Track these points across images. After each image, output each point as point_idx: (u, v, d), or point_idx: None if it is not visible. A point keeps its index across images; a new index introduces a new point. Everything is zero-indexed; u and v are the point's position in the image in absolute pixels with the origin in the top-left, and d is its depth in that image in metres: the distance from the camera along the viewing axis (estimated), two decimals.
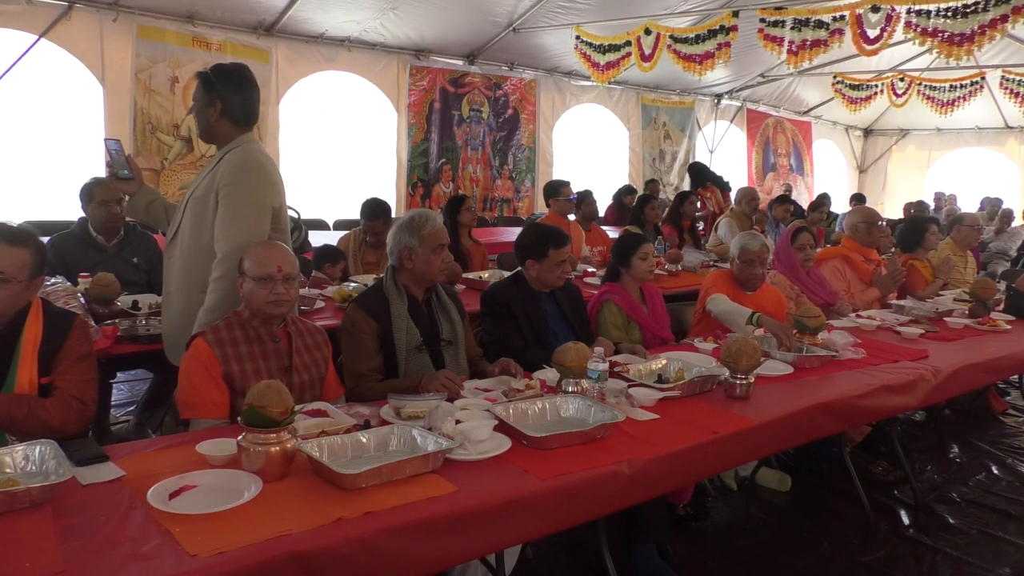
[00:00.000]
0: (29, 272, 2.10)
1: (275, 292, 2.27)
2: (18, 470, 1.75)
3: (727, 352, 2.60)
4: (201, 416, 2.23)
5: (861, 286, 4.48)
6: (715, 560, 2.97)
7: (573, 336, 3.06)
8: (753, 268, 3.64)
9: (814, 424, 2.61)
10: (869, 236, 4.55)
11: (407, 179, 8.78)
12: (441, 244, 2.70)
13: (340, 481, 1.73)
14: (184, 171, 7.04)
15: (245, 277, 2.29)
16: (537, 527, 1.89)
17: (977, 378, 3.45)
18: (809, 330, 3.21)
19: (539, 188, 9.72)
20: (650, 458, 2.05)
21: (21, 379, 2.11)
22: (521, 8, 8.12)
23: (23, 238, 2.09)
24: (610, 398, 2.37)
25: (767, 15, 7.38)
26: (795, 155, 14.20)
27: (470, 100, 9.27)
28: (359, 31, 7.83)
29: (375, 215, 4.65)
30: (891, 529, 3.26)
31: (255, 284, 2.27)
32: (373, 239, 4.69)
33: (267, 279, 2.27)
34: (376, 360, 2.61)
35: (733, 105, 12.74)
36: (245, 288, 2.30)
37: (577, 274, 5.12)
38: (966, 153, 14.72)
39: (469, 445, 1.98)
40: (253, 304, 2.31)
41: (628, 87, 10.95)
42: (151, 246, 3.98)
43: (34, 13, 6.05)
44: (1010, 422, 4.72)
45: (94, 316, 3.12)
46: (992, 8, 6.31)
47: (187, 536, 1.50)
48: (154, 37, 6.67)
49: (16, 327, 2.13)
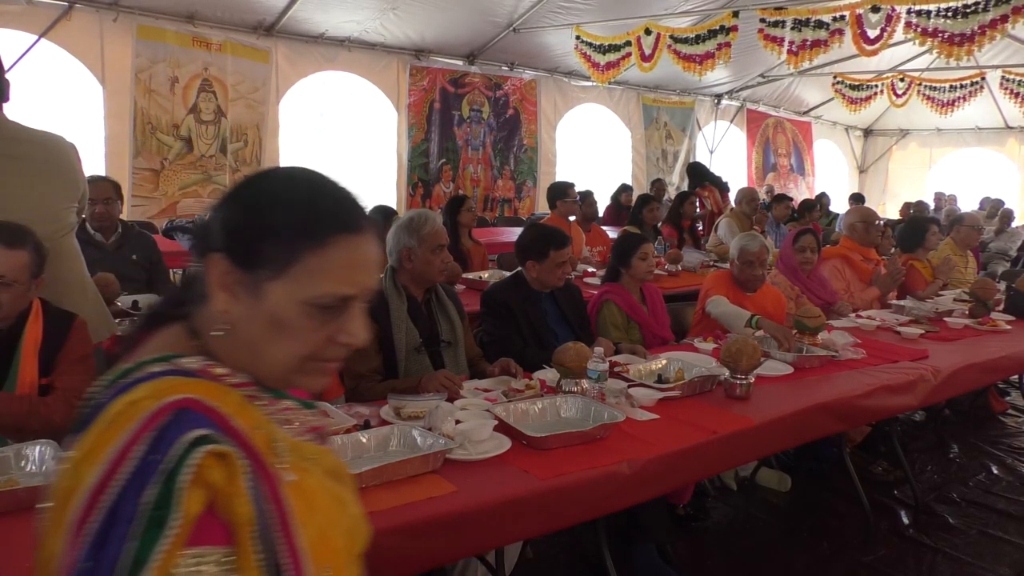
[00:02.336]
0: (30, 272, 2.10)
1: None
2: (18, 470, 1.75)
3: (727, 352, 2.60)
4: None
5: (861, 285, 4.48)
6: (715, 560, 2.97)
7: (573, 336, 3.06)
8: (753, 269, 3.63)
9: (814, 424, 2.61)
10: (867, 235, 4.56)
11: (407, 179, 8.78)
12: (440, 244, 2.70)
13: None
14: (184, 171, 7.04)
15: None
16: (537, 527, 1.89)
17: (977, 378, 3.45)
18: (809, 330, 3.21)
19: (540, 188, 9.74)
20: (650, 458, 2.05)
21: (22, 379, 2.11)
22: (521, 8, 8.12)
23: (21, 239, 2.09)
24: (610, 398, 2.37)
25: (767, 15, 7.38)
26: (795, 155, 14.20)
27: (470, 100, 9.27)
28: (359, 31, 7.83)
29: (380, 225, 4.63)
30: (891, 529, 3.26)
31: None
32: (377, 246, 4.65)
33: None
34: (376, 361, 2.61)
35: (733, 105, 12.74)
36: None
37: (577, 274, 5.12)
38: (966, 153, 14.72)
39: (469, 445, 1.99)
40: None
41: (628, 87, 10.95)
42: (149, 244, 3.99)
43: (34, 13, 6.04)
44: (1010, 422, 4.72)
45: None
46: (992, 8, 6.30)
47: None
48: (154, 37, 6.67)
49: (17, 328, 2.13)
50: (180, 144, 6.99)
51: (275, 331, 0.84)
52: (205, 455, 0.72)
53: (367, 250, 0.87)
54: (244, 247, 0.83)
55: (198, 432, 0.74)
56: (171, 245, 5.00)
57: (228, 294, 0.84)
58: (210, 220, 0.87)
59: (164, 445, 0.72)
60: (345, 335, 0.86)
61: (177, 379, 0.81)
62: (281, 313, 0.83)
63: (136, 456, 0.72)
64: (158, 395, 0.77)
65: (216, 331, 0.85)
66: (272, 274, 0.82)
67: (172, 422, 0.74)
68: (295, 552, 0.77)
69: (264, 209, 0.84)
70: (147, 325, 0.91)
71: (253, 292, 0.83)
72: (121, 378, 0.82)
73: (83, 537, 0.70)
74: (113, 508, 0.70)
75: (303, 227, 0.83)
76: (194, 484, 0.71)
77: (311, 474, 0.87)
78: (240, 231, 0.84)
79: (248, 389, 0.87)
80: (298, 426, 0.92)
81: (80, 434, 0.78)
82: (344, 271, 0.84)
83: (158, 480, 0.70)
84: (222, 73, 7.12)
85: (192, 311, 0.88)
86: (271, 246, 0.82)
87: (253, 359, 0.86)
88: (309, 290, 0.83)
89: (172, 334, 0.88)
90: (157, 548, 0.68)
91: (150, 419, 0.74)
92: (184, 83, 6.91)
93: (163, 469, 0.71)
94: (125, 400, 0.77)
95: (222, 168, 7.27)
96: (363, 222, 0.88)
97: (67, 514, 0.73)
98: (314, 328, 0.84)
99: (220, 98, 7.16)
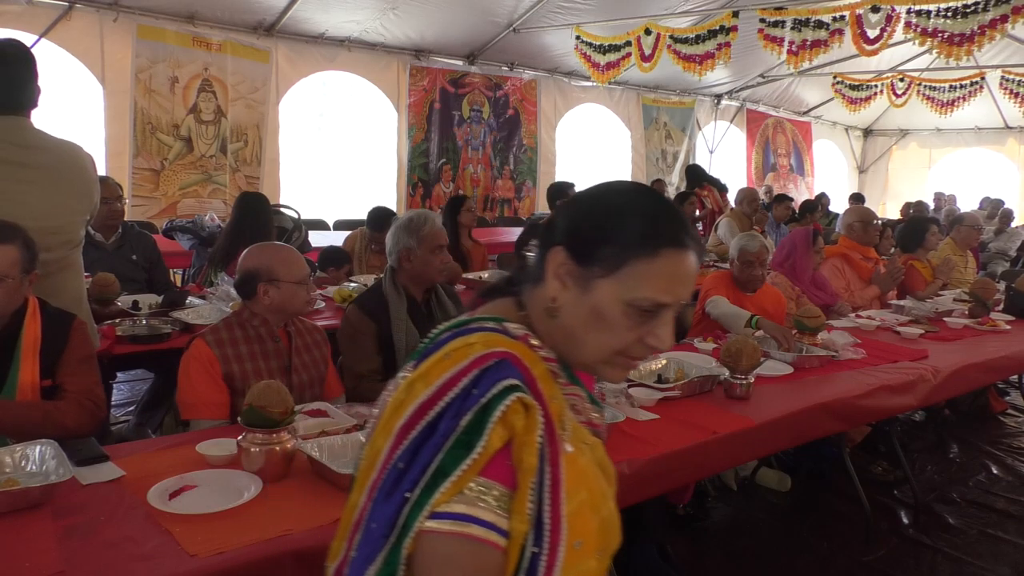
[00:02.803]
0: (21, 268, 2.08)
1: (310, 292, 2.38)
2: (18, 470, 1.75)
3: (727, 352, 2.61)
4: (202, 417, 2.23)
5: (861, 284, 4.48)
6: (715, 560, 2.97)
7: None
8: (752, 269, 3.63)
9: (814, 424, 2.61)
10: (865, 235, 4.57)
11: (407, 179, 8.78)
12: (440, 245, 2.70)
13: (340, 481, 1.73)
14: (184, 171, 7.04)
15: (280, 283, 2.29)
16: None
17: (977, 378, 3.45)
18: (809, 330, 3.21)
19: (540, 188, 9.74)
20: (650, 458, 2.05)
21: (23, 380, 2.10)
22: (521, 8, 8.12)
23: (8, 235, 2.08)
24: (610, 398, 2.37)
25: (767, 15, 7.38)
26: (795, 155, 14.19)
27: (470, 100, 9.27)
28: (359, 31, 7.83)
29: (380, 226, 4.58)
30: (891, 529, 3.26)
31: (297, 287, 2.31)
32: (378, 247, 4.63)
33: (305, 281, 2.33)
34: (376, 361, 2.61)
35: (733, 105, 12.73)
36: (283, 293, 2.30)
37: None
38: (966, 153, 14.72)
39: None
40: (292, 306, 2.33)
41: (628, 87, 10.95)
42: (149, 244, 3.99)
43: (34, 13, 6.04)
44: (1010, 422, 4.72)
45: (94, 316, 3.12)
46: (992, 8, 6.30)
47: (187, 536, 1.50)
48: (154, 37, 6.67)
49: (14, 327, 2.12)
50: (180, 144, 6.98)
51: (594, 322, 0.95)
52: (515, 400, 0.85)
53: (688, 265, 0.96)
54: (584, 247, 0.95)
55: (513, 380, 0.87)
56: (171, 245, 5.00)
57: (560, 282, 0.96)
58: (557, 217, 1.02)
59: (485, 383, 0.86)
60: (654, 338, 0.96)
61: (503, 337, 0.95)
62: (604, 308, 0.94)
63: (462, 386, 0.87)
64: (487, 343, 0.91)
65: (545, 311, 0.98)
66: (603, 273, 0.94)
67: (494, 367, 0.88)
68: (558, 515, 0.87)
69: (608, 218, 0.95)
70: (486, 294, 1.08)
71: (583, 285, 0.95)
72: (460, 326, 0.97)
73: (404, 442, 0.86)
74: (433, 422, 0.86)
75: (641, 238, 0.93)
76: (501, 422, 0.84)
77: (584, 455, 0.96)
78: (583, 233, 0.96)
79: (552, 365, 0.98)
80: (581, 414, 1.04)
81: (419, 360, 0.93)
82: (666, 281, 0.94)
83: (474, 409, 0.84)
84: (222, 73, 7.12)
85: (524, 289, 1.02)
86: (608, 250, 0.94)
87: (568, 342, 0.98)
88: (633, 292, 0.93)
89: (505, 304, 1.03)
90: (461, 465, 0.82)
91: (478, 359, 0.88)
92: (184, 83, 6.91)
93: (480, 402, 0.85)
94: (461, 340, 0.92)
95: (222, 168, 7.27)
96: (688, 240, 0.96)
97: (395, 421, 0.88)
98: (629, 327, 0.95)
99: (220, 98, 7.16)
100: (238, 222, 4.02)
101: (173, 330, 3.13)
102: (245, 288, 2.33)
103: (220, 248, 4.01)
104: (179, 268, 5.54)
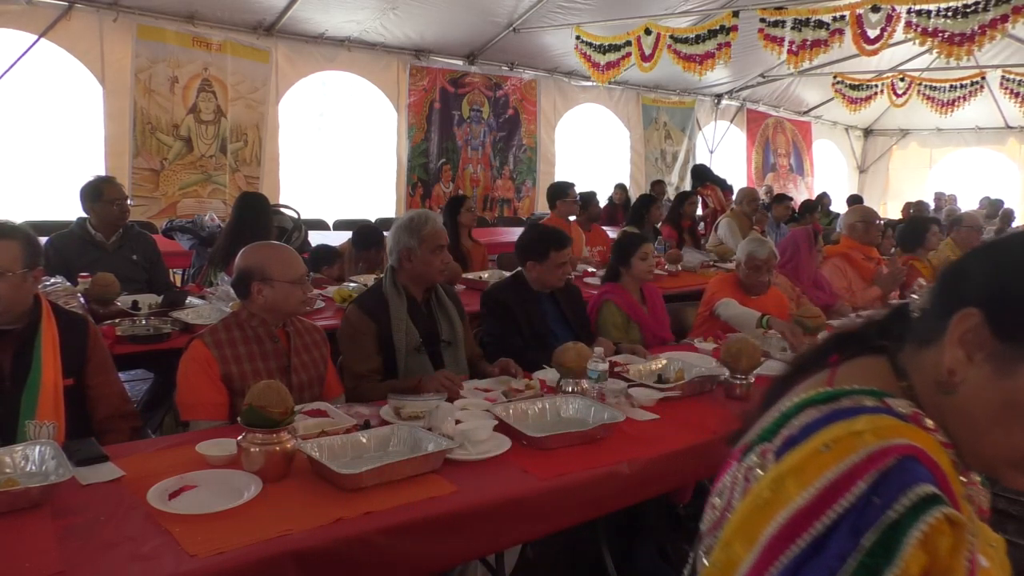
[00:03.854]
0: (22, 263, 2.08)
1: (306, 291, 2.37)
2: (18, 470, 1.75)
3: (727, 352, 2.60)
4: (201, 417, 2.23)
5: (863, 284, 4.48)
6: None
7: (573, 336, 3.05)
8: (760, 275, 3.62)
9: None
10: (867, 234, 4.58)
11: (407, 179, 8.78)
12: (440, 245, 2.70)
13: (340, 481, 1.73)
14: (184, 171, 7.04)
15: (274, 282, 2.28)
16: (537, 527, 1.89)
17: None
18: (809, 330, 3.21)
19: (540, 188, 9.73)
20: (650, 458, 2.05)
21: (46, 379, 2.11)
22: (521, 8, 8.12)
23: (9, 231, 2.09)
24: (610, 398, 2.37)
25: (767, 15, 7.38)
26: (795, 155, 14.20)
27: (470, 100, 9.27)
28: (359, 31, 7.83)
29: (366, 244, 4.49)
30: None
31: (291, 286, 2.30)
32: (365, 266, 4.48)
33: (300, 281, 2.32)
34: (375, 361, 2.61)
35: (733, 105, 12.73)
36: (276, 293, 2.29)
37: (577, 274, 5.12)
38: (966, 153, 14.72)
39: (469, 445, 1.98)
40: (287, 306, 2.33)
41: (628, 87, 10.95)
42: (149, 244, 3.99)
43: (34, 13, 6.04)
44: None
45: (94, 316, 3.12)
46: (992, 8, 6.31)
47: (187, 536, 1.50)
48: (154, 37, 6.67)
49: (31, 329, 2.13)
50: (180, 144, 6.98)
51: (1009, 415, 0.74)
52: (941, 518, 0.66)
53: None
54: (1011, 316, 0.74)
55: (930, 489, 0.67)
56: (171, 245, 5.00)
57: (965, 353, 0.75)
58: (972, 266, 0.79)
59: (890, 491, 0.67)
60: None
61: (895, 420, 0.75)
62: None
63: (857, 493, 0.68)
64: (881, 434, 0.71)
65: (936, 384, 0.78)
66: None
67: (897, 467, 0.68)
68: None
69: None
70: (840, 344, 0.86)
71: (999, 365, 0.74)
72: (827, 400, 0.78)
73: (780, 558, 0.68)
74: (821, 538, 0.67)
75: None
76: (921, 545, 0.65)
77: (994, 563, 0.79)
78: (1014, 299, 0.74)
79: (951, 452, 0.77)
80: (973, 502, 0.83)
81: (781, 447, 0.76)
82: None
83: (880, 526, 0.66)
84: (222, 73, 7.12)
85: (901, 347, 0.82)
86: None
87: (963, 429, 0.77)
88: None
89: (876, 367, 0.82)
90: None
91: (874, 456, 0.69)
92: (184, 83, 6.91)
93: (888, 516, 0.66)
94: (844, 427, 0.73)
95: (222, 168, 7.27)
96: None
97: (762, 527, 0.70)
98: None
99: (220, 98, 7.16)
100: (238, 222, 4.02)
101: (173, 330, 3.13)
102: (240, 287, 2.33)
103: (220, 248, 4.01)
104: (179, 268, 5.53)
